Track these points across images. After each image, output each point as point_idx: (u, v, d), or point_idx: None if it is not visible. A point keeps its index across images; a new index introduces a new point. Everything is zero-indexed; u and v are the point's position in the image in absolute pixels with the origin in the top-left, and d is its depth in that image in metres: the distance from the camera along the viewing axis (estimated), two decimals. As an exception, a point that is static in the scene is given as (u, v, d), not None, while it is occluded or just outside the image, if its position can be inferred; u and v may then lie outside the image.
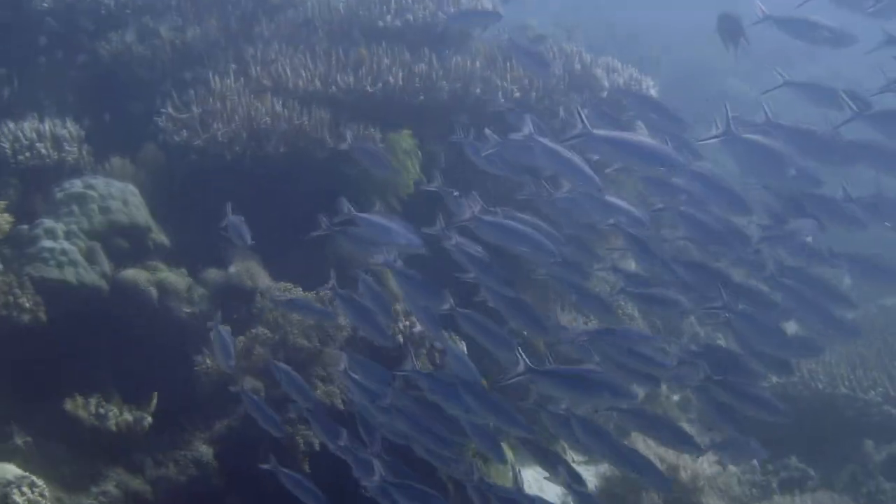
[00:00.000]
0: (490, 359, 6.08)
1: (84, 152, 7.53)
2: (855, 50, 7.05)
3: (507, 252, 5.91)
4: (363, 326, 5.93)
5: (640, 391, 7.34)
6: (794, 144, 6.04)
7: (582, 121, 5.62)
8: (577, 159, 5.81)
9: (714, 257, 6.52)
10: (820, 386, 8.93)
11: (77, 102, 8.16)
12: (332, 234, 7.12)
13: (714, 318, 6.26)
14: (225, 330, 5.98)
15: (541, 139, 5.78)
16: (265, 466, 5.73)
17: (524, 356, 5.24)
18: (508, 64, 8.46)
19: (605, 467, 7.66)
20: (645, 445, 8.09)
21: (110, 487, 6.13)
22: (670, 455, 7.81)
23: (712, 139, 5.89)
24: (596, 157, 6.09)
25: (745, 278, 6.56)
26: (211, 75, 8.00)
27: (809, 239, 6.23)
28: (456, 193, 6.36)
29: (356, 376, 5.60)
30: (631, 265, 7.62)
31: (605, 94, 9.10)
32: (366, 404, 5.58)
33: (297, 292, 6.75)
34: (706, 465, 7.77)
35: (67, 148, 7.41)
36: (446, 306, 5.61)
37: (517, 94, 8.32)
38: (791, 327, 7.15)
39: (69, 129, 7.52)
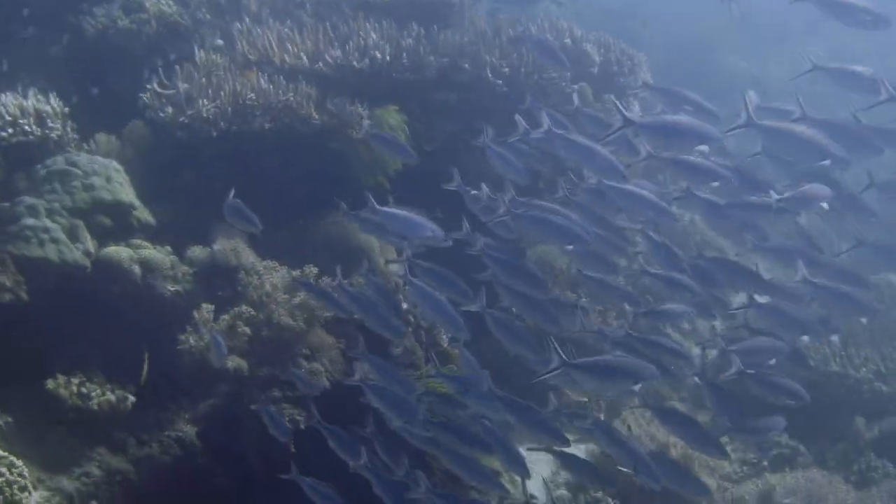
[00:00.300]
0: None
1: (68, 129, 7.42)
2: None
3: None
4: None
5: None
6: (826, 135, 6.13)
7: (620, 111, 5.92)
8: (599, 149, 6.04)
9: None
10: (811, 364, 8.89)
11: (61, 79, 8.04)
12: (320, 215, 7.10)
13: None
14: (219, 334, 6.06)
15: (561, 133, 6.06)
16: (287, 477, 5.67)
17: (559, 349, 5.42)
18: (497, 39, 8.36)
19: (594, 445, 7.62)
20: (636, 423, 8.08)
21: (93, 468, 6.10)
22: (660, 433, 7.79)
23: (736, 129, 6.06)
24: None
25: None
26: (196, 50, 7.91)
27: (825, 205, 6.27)
28: (473, 192, 6.35)
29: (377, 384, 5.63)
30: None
31: (595, 69, 9.02)
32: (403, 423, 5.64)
33: (283, 271, 6.68)
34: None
35: (51, 125, 7.30)
36: (475, 307, 5.70)
37: (506, 70, 8.23)
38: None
39: (53, 105, 7.40)
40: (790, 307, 6.40)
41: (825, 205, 6.27)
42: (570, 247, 5.96)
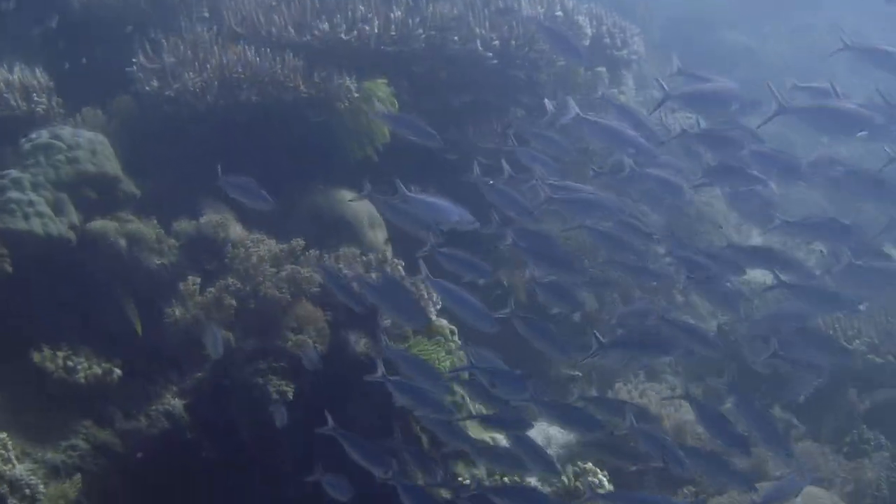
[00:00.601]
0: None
1: (54, 103, 7.39)
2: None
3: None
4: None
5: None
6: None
7: (662, 87, 6.20)
8: (630, 131, 6.28)
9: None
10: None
11: (47, 53, 7.98)
12: (307, 187, 7.03)
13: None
14: (218, 330, 6.09)
15: (589, 117, 6.27)
16: (323, 430, 5.64)
17: (598, 335, 5.75)
18: (487, 10, 8.28)
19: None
20: (627, 395, 8.05)
21: (79, 441, 6.06)
22: (653, 405, 7.77)
23: (770, 120, 6.07)
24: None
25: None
26: (182, 23, 7.84)
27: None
28: (491, 182, 6.33)
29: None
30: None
31: (587, 42, 8.94)
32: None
33: (270, 243, 6.63)
34: (690, 415, 7.72)
35: (36, 98, 7.26)
36: (506, 312, 5.77)
37: (496, 43, 8.16)
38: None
39: (38, 79, 7.37)
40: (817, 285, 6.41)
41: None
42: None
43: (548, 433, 7.44)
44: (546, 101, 6.59)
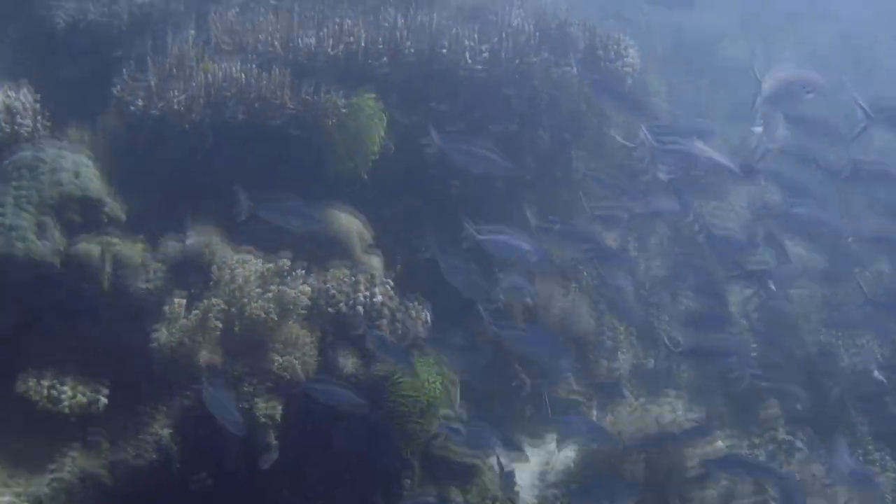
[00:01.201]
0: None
1: (38, 124, 7.28)
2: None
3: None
4: None
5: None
6: None
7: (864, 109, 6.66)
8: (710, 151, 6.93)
9: None
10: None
11: (33, 71, 7.87)
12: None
13: None
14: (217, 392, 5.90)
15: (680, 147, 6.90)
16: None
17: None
18: (476, 23, 8.17)
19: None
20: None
21: (64, 473, 5.95)
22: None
23: (861, 133, 6.74)
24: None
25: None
26: (169, 40, 7.72)
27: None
28: (552, 218, 6.96)
29: None
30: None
31: (580, 54, 8.80)
32: None
33: (256, 263, 6.51)
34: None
35: (20, 121, 7.15)
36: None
37: (485, 55, 8.03)
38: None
39: (23, 100, 7.25)
40: None
41: None
42: None
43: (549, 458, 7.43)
44: (643, 128, 6.99)
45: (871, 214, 8.78)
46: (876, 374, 7.81)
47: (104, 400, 6.13)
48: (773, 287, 7.44)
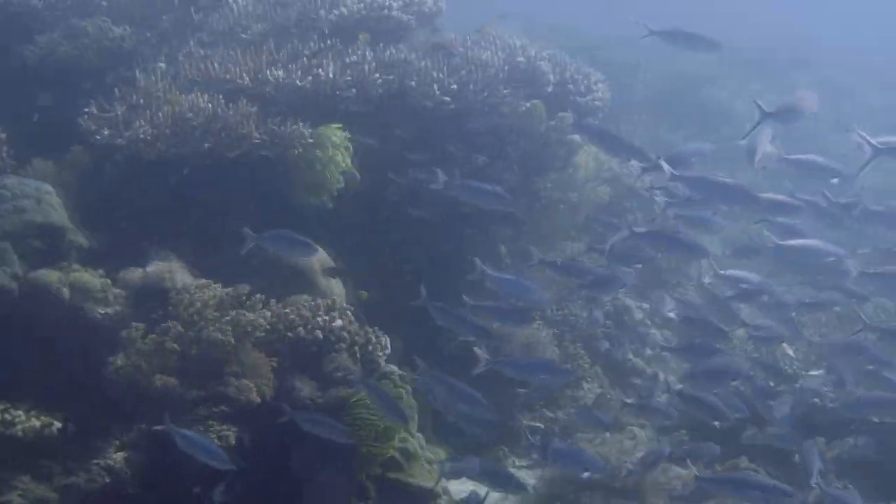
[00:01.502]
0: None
1: (5, 154, 7.29)
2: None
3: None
4: None
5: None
6: None
7: (868, 141, 6.83)
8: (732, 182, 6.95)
9: None
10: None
11: (1, 104, 7.91)
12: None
13: None
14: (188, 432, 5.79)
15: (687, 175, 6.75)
16: None
17: None
18: (445, 57, 8.23)
19: (547, 471, 7.37)
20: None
21: (14, 497, 5.83)
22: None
23: (867, 166, 6.88)
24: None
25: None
26: (137, 72, 7.77)
27: None
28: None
29: None
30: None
31: (550, 88, 8.87)
32: None
33: (216, 288, 6.46)
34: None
35: (-13, 152, 7.17)
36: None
37: (454, 87, 8.08)
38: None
39: (-10, 133, 7.29)
40: None
41: None
42: None
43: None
44: (662, 161, 6.83)
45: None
46: None
47: (58, 424, 6.02)
48: None
